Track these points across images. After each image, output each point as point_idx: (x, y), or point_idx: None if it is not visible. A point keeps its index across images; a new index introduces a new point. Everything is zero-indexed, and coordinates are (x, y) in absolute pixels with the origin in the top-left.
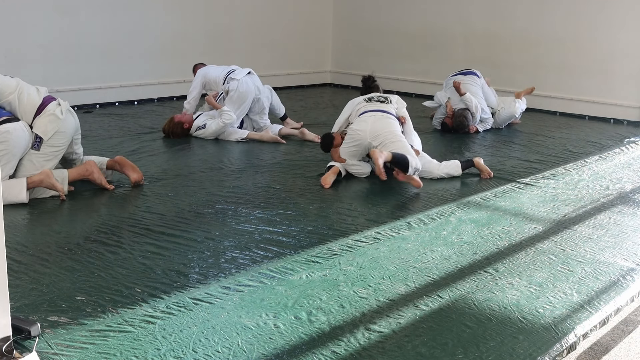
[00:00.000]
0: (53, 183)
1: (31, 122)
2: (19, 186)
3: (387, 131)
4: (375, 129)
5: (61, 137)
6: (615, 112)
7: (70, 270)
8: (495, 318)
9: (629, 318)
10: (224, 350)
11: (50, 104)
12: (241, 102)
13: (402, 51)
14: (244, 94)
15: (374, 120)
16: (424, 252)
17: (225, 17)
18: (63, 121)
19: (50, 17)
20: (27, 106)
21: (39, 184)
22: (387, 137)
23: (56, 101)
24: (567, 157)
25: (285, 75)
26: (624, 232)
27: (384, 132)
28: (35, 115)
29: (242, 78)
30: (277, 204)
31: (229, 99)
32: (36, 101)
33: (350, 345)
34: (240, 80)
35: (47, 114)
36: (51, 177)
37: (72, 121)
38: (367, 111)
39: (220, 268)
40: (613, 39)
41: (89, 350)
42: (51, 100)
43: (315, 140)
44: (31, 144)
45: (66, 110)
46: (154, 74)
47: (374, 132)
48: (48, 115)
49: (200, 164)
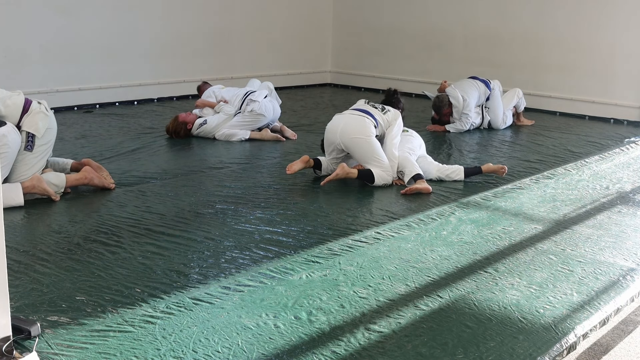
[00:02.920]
0: (45, 188)
1: (17, 122)
2: (15, 190)
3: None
4: (347, 130)
5: (51, 133)
6: (615, 112)
7: (70, 270)
8: (495, 318)
9: (629, 318)
10: (224, 350)
11: (33, 102)
12: (256, 122)
13: (402, 51)
14: (264, 118)
15: (348, 119)
16: (424, 252)
17: (225, 17)
18: (50, 117)
19: (50, 17)
20: (12, 108)
21: (32, 190)
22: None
23: (36, 101)
24: (567, 157)
25: (285, 75)
26: (624, 232)
27: (356, 140)
28: (22, 115)
29: (263, 101)
30: (277, 204)
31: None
32: (20, 102)
33: (350, 345)
34: (260, 102)
35: (35, 112)
36: (42, 182)
37: (54, 119)
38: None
39: (220, 268)
40: (613, 39)
41: (89, 350)
42: (31, 101)
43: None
44: (24, 145)
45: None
46: (154, 74)
47: (345, 134)
48: (36, 113)
49: (200, 164)
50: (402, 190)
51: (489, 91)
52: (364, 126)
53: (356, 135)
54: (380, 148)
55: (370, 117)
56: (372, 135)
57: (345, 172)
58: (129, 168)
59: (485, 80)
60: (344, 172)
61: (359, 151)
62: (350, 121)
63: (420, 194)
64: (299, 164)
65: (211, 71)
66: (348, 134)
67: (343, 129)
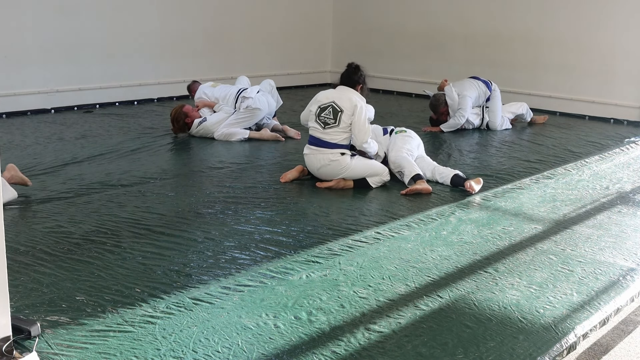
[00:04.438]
0: (21, 176)
1: None
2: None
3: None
4: (325, 175)
5: None
6: (615, 112)
7: (70, 270)
8: (495, 318)
9: (629, 318)
10: (224, 350)
11: None
12: (253, 117)
13: (402, 51)
14: (260, 112)
15: (320, 169)
16: (424, 252)
17: (225, 17)
18: None
19: (50, 17)
20: None
21: (11, 180)
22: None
23: None
24: (567, 157)
25: (285, 75)
26: (624, 232)
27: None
28: None
29: (256, 96)
30: (277, 204)
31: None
32: None
33: (350, 345)
34: (254, 98)
35: None
36: (17, 170)
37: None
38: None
39: (220, 268)
40: (613, 39)
41: (89, 350)
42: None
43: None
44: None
45: None
46: (154, 74)
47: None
48: None
49: (200, 164)
50: (402, 191)
51: (489, 92)
52: (337, 165)
53: (335, 175)
54: (362, 160)
55: (332, 147)
56: (348, 163)
57: (342, 185)
58: (129, 168)
59: (486, 81)
60: (341, 185)
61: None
62: (322, 170)
63: (420, 194)
64: (293, 173)
65: (211, 71)
66: (329, 176)
67: (320, 173)
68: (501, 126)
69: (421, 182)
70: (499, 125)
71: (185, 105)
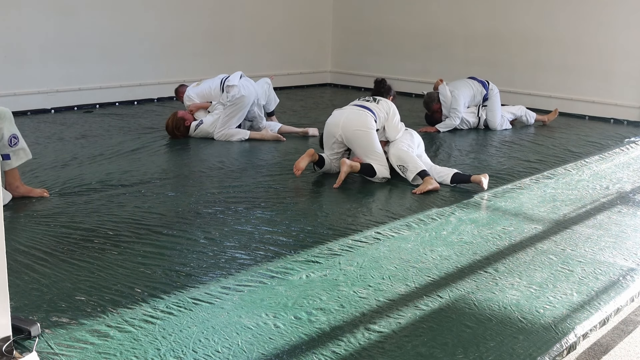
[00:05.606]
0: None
1: None
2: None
3: (361, 132)
4: (348, 124)
5: None
6: (615, 112)
7: (70, 270)
8: (495, 318)
9: (629, 318)
10: (224, 350)
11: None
12: (242, 107)
13: (402, 51)
14: (246, 98)
15: (349, 113)
16: (424, 252)
17: (225, 17)
18: None
19: (50, 17)
20: None
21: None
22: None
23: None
24: (567, 157)
25: (285, 75)
26: (624, 232)
27: (358, 133)
28: None
29: (240, 82)
30: (277, 204)
31: (231, 106)
32: None
33: (350, 345)
34: (238, 85)
35: None
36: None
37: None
38: (352, 104)
39: (220, 268)
40: (613, 39)
41: (89, 350)
42: None
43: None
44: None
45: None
46: (154, 74)
47: (347, 127)
48: None
49: (200, 164)
50: (413, 190)
51: (486, 91)
52: (365, 119)
53: (358, 127)
54: (379, 143)
55: (369, 111)
56: (372, 129)
57: (349, 165)
58: (129, 168)
59: (483, 81)
60: (348, 167)
61: (360, 144)
62: (351, 115)
63: (422, 193)
64: (305, 159)
65: (211, 71)
66: (350, 127)
67: (345, 122)
68: (501, 126)
69: (430, 180)
70: (499, 125)
71: (179, 111)
